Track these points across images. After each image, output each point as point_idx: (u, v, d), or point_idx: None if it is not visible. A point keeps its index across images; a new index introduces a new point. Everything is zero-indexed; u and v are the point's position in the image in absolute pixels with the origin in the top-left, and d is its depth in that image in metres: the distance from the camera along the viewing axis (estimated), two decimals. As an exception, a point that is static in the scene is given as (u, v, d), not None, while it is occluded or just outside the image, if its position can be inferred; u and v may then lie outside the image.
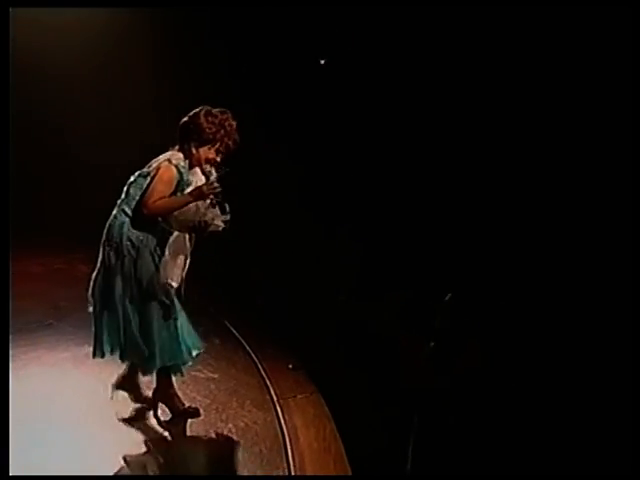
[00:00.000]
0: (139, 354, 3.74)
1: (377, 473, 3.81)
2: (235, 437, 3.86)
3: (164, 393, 3.97)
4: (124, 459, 3.65)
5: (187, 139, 3.63)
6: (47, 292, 5.73)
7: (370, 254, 6.72)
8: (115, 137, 7.66)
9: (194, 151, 3.64)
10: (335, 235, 6.93)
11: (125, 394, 4.03)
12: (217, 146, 3.66)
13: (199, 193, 3.59)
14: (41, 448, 3.61)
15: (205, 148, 3.64)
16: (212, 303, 5.90)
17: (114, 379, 4.05)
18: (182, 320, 3.84)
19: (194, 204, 3.62)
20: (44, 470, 3.45)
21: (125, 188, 3.69)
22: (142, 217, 3.59)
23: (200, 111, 3.66)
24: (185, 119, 3.67)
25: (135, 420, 3.94)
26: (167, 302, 3.70)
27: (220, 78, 8.26)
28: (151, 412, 4.02)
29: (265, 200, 7.57)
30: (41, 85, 8.30)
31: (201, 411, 3.99)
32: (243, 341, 5.09)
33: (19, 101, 8.48)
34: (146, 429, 3.90)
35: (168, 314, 3.73)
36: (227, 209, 3.70)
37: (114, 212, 3.69)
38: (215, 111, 3.66)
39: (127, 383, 4.05)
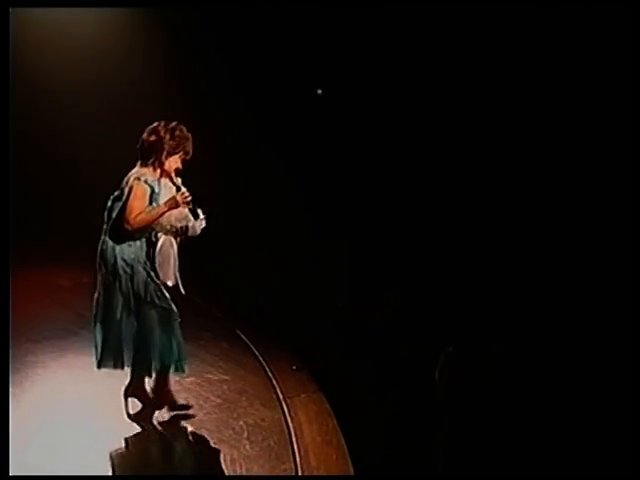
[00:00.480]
0: (142, 360, 3.95)
1: (376, 464, 3.95)
2: (246, 433, 4.04)
3: (161, 390, 4.13)
4: (141, 453, 3.90)
5: (153, 154, 3.81)
6: (72, 303, 5.85)
7: (364, 258, 6.78)
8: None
9: (165, 163, 3.83)
10: (331, 239, 6.95)
11: (136, 400, 4.17)
12: (181, 154, 3.87)
13: (174, 202, 3.81)
14: (81, 440, 3.88)
15: (172, 158, 3.84)
16: (220, 309, 6.08)
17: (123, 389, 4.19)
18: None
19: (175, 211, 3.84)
20: (80, 456, 3.72)
21: (106, 214, 3.88)
22: (124, 234, 3.79)
23: (158, 127, 3.84)
24: (146, 137, 3.84)
25: (147, 418, 4.12)
26: (167, 307, 3.92)
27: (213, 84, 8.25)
28: (161, 410, 4.19)
29: (268, 205, 7.61)
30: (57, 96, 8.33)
31: (215, 409, 4.23)
32: (250, 345, 5.27)
33: (37, 119, 8.51)
34: (161, 426, 4.10)
35: (169, 317, 3.93)
36: (200, 214, 3.92)
37: (102, 238, 3.89)
38: (169, 124, 3.86)
39: (136, 389, 4.17)
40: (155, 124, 3.85)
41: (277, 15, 7.92)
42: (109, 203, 3.87)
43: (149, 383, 4.17)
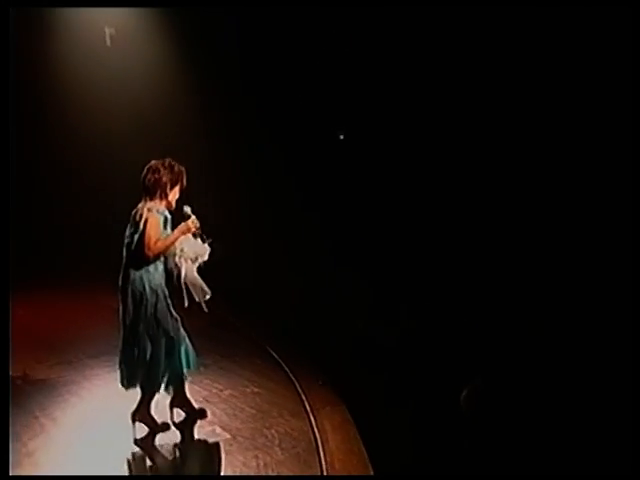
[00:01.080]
0: (152, 379, 4.24)
1: (393, 469, 4.11)
2: (277, 440, 4.25)
3: (180, 400, 4.43)
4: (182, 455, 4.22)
5: (158, 189, 4.17)
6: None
7: (381, 284, 6.92)
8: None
9: (169, 195, 4.21)
10: (352, 268, 7.12)
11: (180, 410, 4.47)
12: (179, 186, 4.24)
13: (186, 228, 4.19)
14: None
15: (173, 191, 4.22)
16: (253, 329, 6.40)
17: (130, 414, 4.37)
18: (184, 345, 4.33)
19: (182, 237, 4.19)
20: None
21: (125, 249, 4.20)
22: (145, 260, 4.11)
23: (158, 165, 4.21)
24: (149, 176, 4.19)
25: (150, 443, 4.31)
26: (174, 337, 4.24)
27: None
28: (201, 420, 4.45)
29: (298, 234, 7.74)
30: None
31: (249, 419, 4.51)
32: (281, 362, 5.52)
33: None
34: (202, 433, 4.37)
35: (172, 345, 4.24)
36: (205, 239, 4.26)
37: (127, 269, 4.18)
38: (165, 162, 4.23)
39: (143, 414, 4.36)
40: (153, 163, 4.22)
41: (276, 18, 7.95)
42: (126, 239, 4.19)
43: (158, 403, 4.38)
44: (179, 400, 4.44)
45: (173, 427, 4.40)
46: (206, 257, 4.26)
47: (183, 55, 8.40)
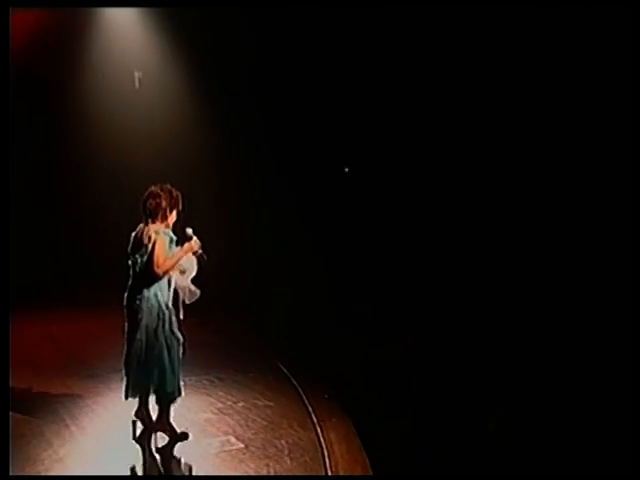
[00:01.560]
0: (173, 385, 4.47)
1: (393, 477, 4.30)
2: (287, 450, 4.43)
3: (163, 419, 4.57)
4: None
5: (159, 213, 4.46)
6: None
7: (382, 307, 6.99)
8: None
9: (168, 218, 4.51)
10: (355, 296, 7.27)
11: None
12: (177, 209, 4.56)
13: (189, 247, 4.51)
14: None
15: (172, 214, 4.53)
16: (266, 347, 6.59)
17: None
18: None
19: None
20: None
21: (131, 269, 4.48)
22: (154, 277, 4.39)
23: (158, 191, 4.50)
24: (151, 201, 4.47)
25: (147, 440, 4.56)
26: (176, 347, 4.51)
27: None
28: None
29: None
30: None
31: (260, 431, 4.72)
32: (291, 377, 5.74)
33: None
34: (217, 443, 4.56)
35: (184, 352, 4.54)
36: (205, 258, 4.57)
37: (140, 289, 4.42)
38: (164, 187, 4.54)
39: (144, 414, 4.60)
40: (153, 188, 4.52)
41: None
42: (131, 259, 4.47)
43: (154, 412, 4.60)
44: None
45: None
46: (194, 273, 4.56)
47: (197, 88, 8.70)
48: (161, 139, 8.56)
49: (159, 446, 4.51)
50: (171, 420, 4.59)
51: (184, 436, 4.56)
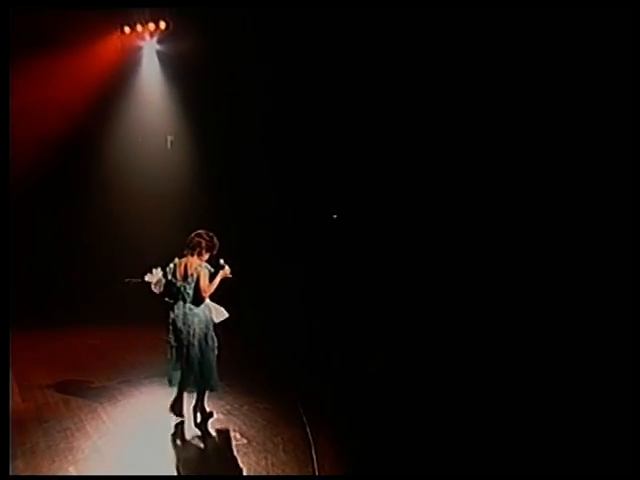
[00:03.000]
0: (215, 377, 5.31)
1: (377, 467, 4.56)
2: (281, 445, 4.81)
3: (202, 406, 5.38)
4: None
5: (199, 249, 5.32)
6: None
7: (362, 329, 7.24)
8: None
9: (204, 256, 5.35)
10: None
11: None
12: (211, 252, 5.40)
13: (224, 274, 5.39)
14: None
15: (208, 254, 5.37)
16: (269, 360, 6.96)
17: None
18: None
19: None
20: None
21: (180, 294, 5.26)
22: (202, 301, 5.31)
23: (204, 234, 5.32)
24: (197, 239, 5.31)
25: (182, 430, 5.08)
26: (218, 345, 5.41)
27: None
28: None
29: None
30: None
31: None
32: (288, 385, 6.08)
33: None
34: (226, 437, 4.99)
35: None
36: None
37: (193, 309, 5.28)
38: (210, 233, 5.34)
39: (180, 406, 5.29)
40: (200, 231, 5.38)
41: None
42: (180, 284, 5.25)
43: (191, 402, 5.34)
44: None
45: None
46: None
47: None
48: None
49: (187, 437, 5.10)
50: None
51: (211, 414, 5.41)
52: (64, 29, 8.24)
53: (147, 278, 5.31)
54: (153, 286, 5.28)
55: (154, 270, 5.31)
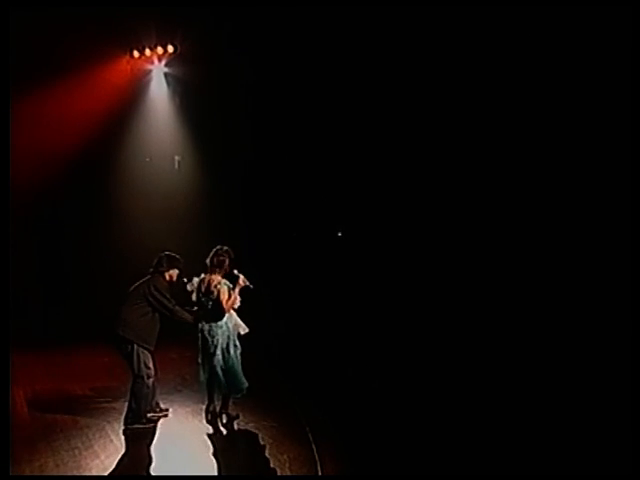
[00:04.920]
0: (242, 380, 5.60)
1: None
2: (287, 463, 4.77)
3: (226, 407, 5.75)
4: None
5: (220, 266, 5.56)
6: (178, 369, 6.98)
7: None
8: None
9: (222, 272, 5.58)
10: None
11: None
12: (227, 269, 5.63)
13: (242, 285, 5.61)
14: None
15: (223, 271, 5.60)
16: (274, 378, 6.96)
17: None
18: None
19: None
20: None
21: (201, 308, 5.55)
22: (223, 315, 5.55)
23: (224, 251, 5.58)
24: (217, 257, 5.57)
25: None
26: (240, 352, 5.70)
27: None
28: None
29: None
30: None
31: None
32: (293, 403, 6.09)
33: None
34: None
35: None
36: (251, 286, 5.64)
37: (211, 324, 5.55)
38: (229, 250, 5.60)
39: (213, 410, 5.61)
40: (220, 247, 5.60)
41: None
42: (203, 299, 5.55)
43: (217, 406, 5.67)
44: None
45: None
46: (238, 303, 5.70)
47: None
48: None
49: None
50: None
51: (237, 415, 5.74)
52: (74, 53, 8.38)
53: (189, 287, 5.71)
54: (193, 295, 5.71)
55: (195, 279, 5.68)
